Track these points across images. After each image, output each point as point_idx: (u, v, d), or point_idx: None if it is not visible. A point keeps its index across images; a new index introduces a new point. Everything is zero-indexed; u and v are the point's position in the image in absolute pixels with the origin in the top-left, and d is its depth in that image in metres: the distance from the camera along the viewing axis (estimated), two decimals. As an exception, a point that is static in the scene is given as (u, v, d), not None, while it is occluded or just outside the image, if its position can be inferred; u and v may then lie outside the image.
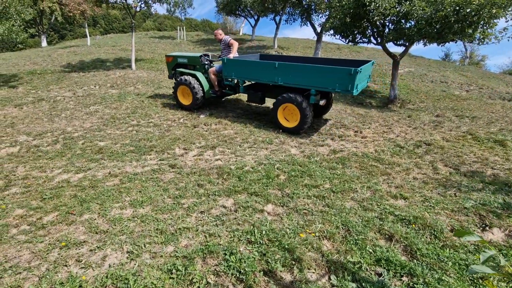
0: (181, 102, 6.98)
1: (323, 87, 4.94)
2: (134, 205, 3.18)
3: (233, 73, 5.98)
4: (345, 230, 2.78)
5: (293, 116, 5.48)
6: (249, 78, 5.95)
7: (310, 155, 4.54)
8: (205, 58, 6.93)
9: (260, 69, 5.57)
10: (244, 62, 5.88)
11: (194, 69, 7.02)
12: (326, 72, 4.84)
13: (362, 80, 5.11)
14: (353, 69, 4.50)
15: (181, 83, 6.67)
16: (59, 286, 2.11)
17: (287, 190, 3.47)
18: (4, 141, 5.38)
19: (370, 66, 5.78)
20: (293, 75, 5.17)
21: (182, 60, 7.18)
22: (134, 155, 4.58)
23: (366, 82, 5.73)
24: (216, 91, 6.78)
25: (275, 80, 5.38)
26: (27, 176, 4.02)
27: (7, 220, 2.99)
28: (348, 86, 4.62)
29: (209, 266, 2.32)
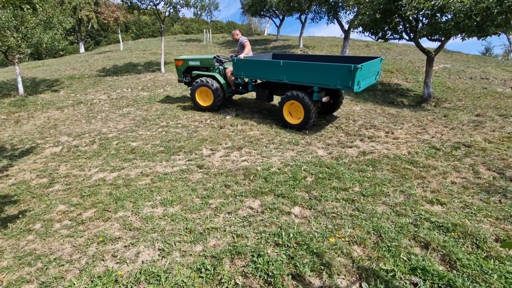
0: (200, 104, 7.07)
1: (325, 84, 5.06)
2: (165, 204, 3.29)
3: (242, 72, 6.22)
4: (377, 236, 2.66)
5: (298, 113, 5.65)
6: (256, 77, 6.18)
7: (338, 156, 4.41)
8: (217, 59, 7.04)
9: (267, 68, 5.77)
10: (251, 61, 6.10)
11: (207, 70, 7.11)
12: (327, 69, 4.94)
13: (366, 76, 5.13)
14: (353, 66, 4.56)
15: (201, 84, 6.75)
16: (97, 279, 2.24)
17: (315, 193, 3.40)
18: (48, 141, 5.83)
19: (377, 63, 5.76)
20: (297, 73, 5.33)
21: (193, 62, 7.22)
22: (164, 155, 4.74)
23: (374, 79, 5.74)
24: (233, 90, 6.97)
25: (280, 78, 5.55)
26: (68, 174, 4.32)
27: (51, 215, 3.23)
28: (348, 82, 4.70)
29: (237, 267, 2.33)
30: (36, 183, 4.11)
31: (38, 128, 6.91)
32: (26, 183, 4.10)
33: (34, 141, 5.90)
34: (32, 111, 8.53)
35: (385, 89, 10.19)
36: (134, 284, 2.19)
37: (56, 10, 10.33)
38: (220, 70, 7.06)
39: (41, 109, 8.63)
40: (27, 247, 2.73)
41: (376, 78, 5.92)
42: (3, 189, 3.99)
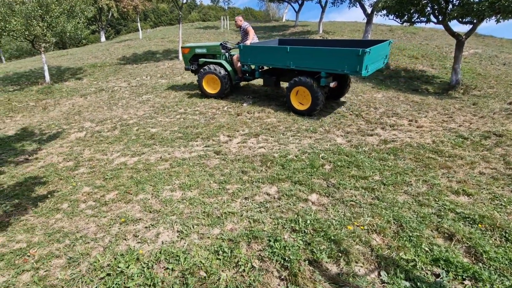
0: (207, 91, 7.04)
1: (333, 69, 4.97)
2: (183, 188, 3.36)
3: (248, 59, 6.13)
4: (397, 226, 2.58)
5: (305, 99, 5.60)
6: (263, 63, 6.11)
7: (358, 145, 4.29)
8: (224, 45, 6.92)
9: (273, 54, 5.70)
10: (258, 48, 6.00)
11: (213, 58, 7.01)
12: (334, 54, 4.85)
13: (374, 60, 5.03)
14: (361, 50, 4.44)
15: (208, 72, 6.69)
16: (120, 257, 2.34)
17: (333, 180, 3.34)
18: (73, 126, 6.07)
19: (386, 46, 5.62)
20: (304, 59, 5.27)
21: (200, 50, 7.13)
22: (182, 141, 4.81)
23: (382, 63, 5.63)
24: (240, 77, 6.88)
25: (287, 64, 5.48)
26: (91, 158, 4.49)
27: (77, 196, 3.39)
28: (356, 67, 4.60)
29: (253, 251, 2.35)
30: (62, 166, 4.31)
31: (63, 114, 7.21)
32: (53, 166, 4.31)
33: (60, 126, 6.16)
34: (58, 98, 8.90)
35: (409, 75, 9.71)
36: (155, 262, 2.27)
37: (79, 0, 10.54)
38: (227, 57, 6.99)
39: (66, 96, 8.98)
40: (55, 225, 2.89)
41: (384, 62, 5.80)
42: (33, 171, 4.23)
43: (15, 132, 6.09)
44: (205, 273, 2.15)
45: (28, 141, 5.50)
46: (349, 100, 6.71)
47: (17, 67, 14.58)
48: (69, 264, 2.35)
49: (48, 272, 2.28)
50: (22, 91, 9.84)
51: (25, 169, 4.34)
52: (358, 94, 7.24)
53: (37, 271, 2.29)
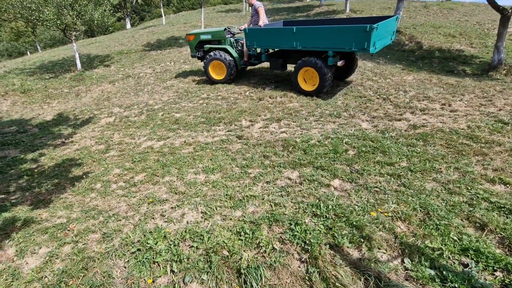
0: (213, 77, 7.06)
1: (340, 47, 4.94)
2: (206, 172, 3.45)
3: (255, 42, 6.05)
4: (424, 213, 2.49)
5: (313, 79, 5.60)
6: (270, 46, 6.05)
7: (385, 130, 4.12)
8: (228, 31, 6.88)
9: (280, 36, 5.63)
10: (264, 30, 5.93)
11: (219, 43, 6.97)
12: (341, 32, 4.81)
13: (382, 37, 4.99)
14: (368, 26, 4.40)
15: (214, 58, 6.70)
16: (149, 234, 2.49)
17: (356, 166, 3.26)
18: (103, 112, 6.38)
19: (393, 22, 5.53)
20: (311, 39, 5.22)
21: (205, 36, 7.09)
22: (205, 126, 4.90)
23: (389, 39, 5.58)
24: (246, 61, 6.83)
25: (293, 46, 5.44)
26: (121, 142, 4.72)
27: (108, 177, 3.61)
28: (364, 44, 4.57)
29: (274, 233, 2.40)
30: (95, 149, 4.59)
31: (94, 100, 7.59)
32: (87, 149, 4.60)
33: (92, 112, 6.50)
34: (89, 85, 9.34)
35: (444, 56, 9.02)
36: (180, 240, 2.39)
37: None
38: (232, 42, 6.96)
39: (96, 83, 9.40)
40: (90, 203, 3.12)
41: (392, 38, 5.71)
42: (70, 153, 4.54)
43: (52, 117, 6.53)
44: (228, 252, 2.23)
45: (64, 125, 5.88)
46: (377, 83, 6.40)
47: (51, 56, 15.41)
48: (103, 239, 2.54)
49: (86, 245, 2.49)
50: (57, 79, 10.44)
51: (62, 151, 4.67)
52: (386, 76, 6.88)
53: (76, 244, 2.51)
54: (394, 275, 1.98)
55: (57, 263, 2.34)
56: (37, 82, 10.27)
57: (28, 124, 6.25)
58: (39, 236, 2.66)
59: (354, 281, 1.94)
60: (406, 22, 13.88)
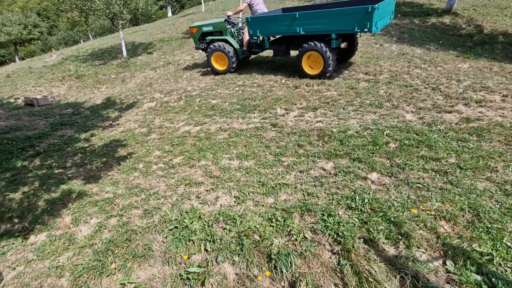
0: (216, 68, 7.22)
1: (343, 29, 5.09)
2: (240, 158, 3.51)
3: (257, 30, 6.11)
4: (473, 215, 2.28)
5: (317, 63, 5.71)
6: (273, 33, 6.14)
7: (432, 122, 3.79)
8: (228, 21, 6.98)
9: (282, 22, 5.70)
10: (266, 17, 5.99)
11: (220, 34, 7.08)
12: (343, 14, 4.94)
13: (382, 17, 5.14)
14: (370, 7, 4.57)
15: (215, 49, 6.87)
16: (185, 213, 2.63)
17: (398, 160, 3.07)
18: (146, 97, 6.75)
19: (392, 2, 5.72)
20: (313, 23, 5.31)
21: (207, 28, 7.22)
22: (240, 113, 4.95)
23: (389, 19, 5.74)
24: (245, 50, 6.92)
25: (297, 31, 5.54)
26: (161, 126, 4.98)
27: (150, 159, 3.85)
28: (366, 24, 4.73)
29: (306, 223, 2.38)
30: (138, 132, 4.90)
31: (138, 86, 8.05)
32: (131, 131, 4.93)
33: (136, 97, 6.92)
34: (133, 71, 9.92)
35: (509, 41, 7.96)
36: (214, 222, 2.49)
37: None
38: (233, 33, 7.08)
39: (140, 70, 9.94)
40: (134, 181, 3.37)
41: (391, 18, 5.89)
42: (116, 135, 4.91)
43: (101, 101, 7.08)
44: (259, 237, 2.27)
45: (111, 109, 6.35)
46: (425, 71, 5.88)
47: (101, 44, 16.56)
48: (145, 214, 2.74)
49: (129, 219, 2.71)
50: (106, 65, 11.23)
51: (110, 132, 5.06)
52: (437, 64, 6.28)
53: (121, 217, 2.75)
54: (433, 276, 1.87)
55: (105, 233, 2.59)
56: (89, 68, 11.17)
57: (82, 107, 6.86)
58: (90, 208, 2.95)
59: (388, 278, 1.86)
60: (465, 2, 12.41)
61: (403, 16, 11.38)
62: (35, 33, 29.50)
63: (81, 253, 2.40)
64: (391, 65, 6.47)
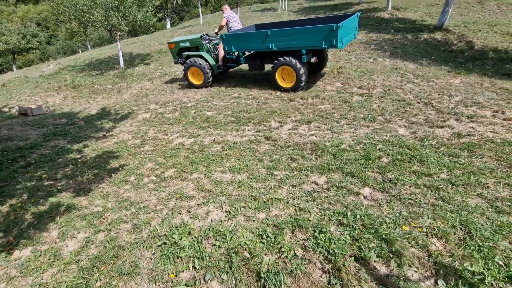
0: (193, 82, 7.45)
1: (312, 45, 5.46)
2: (233, 171, 3.48)
3: (232, 46, 6.46)
4: (465, 232, 2.27)
5: (290, 77, 6.06)
6: (247, 49, 6.55)
7: (424, 137, 3.83)
8: (204, 37, 7.32)
9: (255, 39, 6.06)
10: (240, 35, 6.41)
11: (197, 50, 7.34)
12: (311, 31, 5.32)
13: (347, 33, 5.59)
14: (334, 25, 4.95)
15: (191, 65, 7.10)
16: (175, 229, 2.58)
17: (390, 175, 3.07)
18: (141, 108, 6.75)
19: (355, 19, 6.19)
20: (284, 40, 5.69)
21: (184, 44, 7.49)
22: (235, 125, 4.96)
23: (353, 35, 6.25)
24: (221, 65, 7.19)
25: (269, 47, 5.89)
26: (155, 137, 4.96)
27: (142, 171, 3.81)
28: (332, 41, 5.12)
29: (297, 239, 2.34)
30: (131, 143, 4.87)
31: (133, 96, 8.06)
32: (124, 142, 4.90)
33: (131, 107, 6.91)
34: (130, 82, 9.95)
35: (499, 57, 8.16)
36: (204, 238, 2.44)
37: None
38: (209, 48, 7.33)
39: (136, 80, 9.98)
40: (124, 194, 3.32)
41: (355, 34, 6.44)
42: (109, 146, 4.87)
43: (96, 111, 7.06)
44: (249, 254, 2.23)
45: (106, 119, 6.33)
46: (418, 86, 5.98)
47: (99, 54, 16.69)
48: (133, 229, 2.68)
49: (118, 234, 2.65)
50: (102, 75, 11.27)
51: (103, 143, 5.02)
52: (429, 79, 6.40)
53: (109, 232, 2.69)
54: (425, 297, 1.83)
55: (92, 249, 2.52)
56: (86, 79, 11.20)
57: (76, 117, 6.83)
58: (78, 222, 2.89)
59: (379, 299, 1.82)
60: (456, 19, 12.80)
61: (396, 32, 11.67)
62: (33, 43, 29.68)
63: (66, 269, 2.33)
64: (384, 79, 6.57)
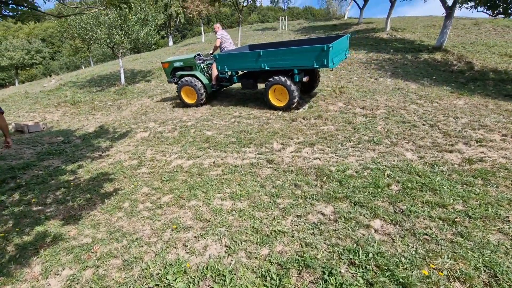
0: (186, 101, 7.46)
1: (303, 65, 5.57)
2: (233, 198, 3.28)
3: (225, 66, 6.57)
4: (490, 275, 2.05)
5: (283, 96, 6.12)
6: (240, 68, 6.67)
7: (434, 163, 3.66)
8: (198, 57, 7.38)
9: (248, 59, 6.18)
10: (234, 55, 6.52)
11: (191, 69, 7.41)
12: (303, 52, 5.46)
13: (338, 54, 5.74)
14: (325, 46, 5.07)
15: (185, 84, 7.15)
16: (169, 267, 2.35)
17: (401, 205, 2.87)
18: (140, 126, 6.61)
19: (345, 40, 6.38)
20: (277, 60, 5.82)
21: (178, 63, 7.60)
22: (235, 146, 4.79)
23: (344, 55, 6.40)
24: (214, 84, 7.26)
25: (262, 67, 6.00)
26: (152, 158, 4.78)
27: (137, 196, 3.60)
28: (324, 61, 5.21)
29: (305, 282, 2.11)
30: (128, 164, 4.68)
31: (133, 114, 7.95)
32: (120, 164, 4.71)
33: (129, 126, 6.78)
34: (130, 99, 9.89)
35: (500, 78, 8.15)
36: (201, 279, 2.21)
37: (152, 9, 11.58)
38: (203, 68, 7.41)
39: (137, 97, 9.92)
40: (116, 224, 3.09)
41: (346, 54, 6.57)
42: (104, 167, 4.68)
43: (94, 129, 6.92)
44: (251, 300, 1.99)
45: (103, 138, 6.17)
46: (422, 107, 5.88)
47: (101, 70, 16.80)
48: (124, 266, 2.45)
49: (106, 272, 2.41)
50: (103, 92, 11.24)
51: (98, 164, 4.84)
52: (433, 100, 6.31)
53: (97, 269, 2.45)
54: None
55: (77, 289, 2.28)
56: (86, 95, 11.15)
57: (73, 135, 6.68)
58: (65, 256, 2.65)
59: None
60: (454, 40, 12.99)
61: (395, 52, 11.79)
62: (37, 58, 30.10)
63: (45, 314, 2.08)
64: (387, 99, 6.49)
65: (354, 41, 14.36)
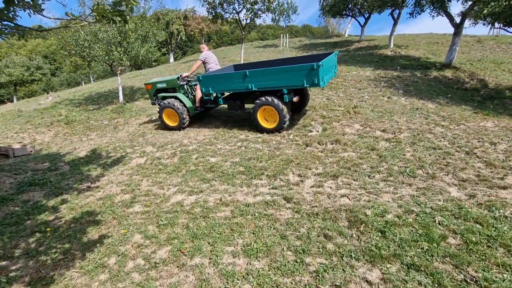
0: (168, 124, 7.03)
1: (293, 85, 5.23)
2: (248, 254, 2.59)
3: (210, 88, 6.13)
4: None
5: (273, 117, 5.77)
6: (225, 90, 6.15)
7: (490, 204, 3.00)
8: (182, 79, 7.00)
9: (234, 80, 5.76)
10: (218, 76, 6.02)
11: (174, 91, 7.08)
12: (292, 71, 5.12)
13: (327, 72, 5.41)
14: (315, 64, 4.81)
15: (166, 106, 6.75)
16: None
17: (471, 270, 2.20)
18: (136, 151, 5.98)
19: (334, 57, 6.08)
20: (264, 80, 5.44)
21: (161, 85, 7.25)
22: (245, 177, 4.14)
23: (333, 73, 6.09)
24: (198, 107, 6.87)
25: (249, 87, 5.60)
26: (148, 192, 4.10)
27: (126, 248, 2.90)
28: (314, 80, 4.95)
29: None
30: (119, 200, 4.00)
31: (129, 135, 7.33)
32: (110, 199, 4.03)
33: (125, 149, 6.14)
34: (128, 118, 9.31)
35: (523, 97, 7.65)
36: None
37: (153, 25, 11.27)
38: (186, 89, 7.07)
39: (135, 116, 9.35)
40: (98, 292, 2.39)
41: (335, 71, 6.24)
42: (92, 203, 4.00)
43: (85, 153, 6.27)
44: None
45: (94, 164, 5.51)
46: (449, 130, 5.30)
47: (99, 87, 16.37)
48: None
49: None
50: (100, 110, 10.69)
51: (85, 199, 4.16)
52: (458, 122, 5.75)
53: None
54: None
55: None
56: (81, 113, 10.59)
57: (61, 160, 6.02)
58: None
59: None
60: (460, 57, 12.68)
61: (403, 69, 11.40)
62: (36, 75, 29.85)
63: None
64: (408, 121, 5.93)
65: (359, 58, 14.09)
